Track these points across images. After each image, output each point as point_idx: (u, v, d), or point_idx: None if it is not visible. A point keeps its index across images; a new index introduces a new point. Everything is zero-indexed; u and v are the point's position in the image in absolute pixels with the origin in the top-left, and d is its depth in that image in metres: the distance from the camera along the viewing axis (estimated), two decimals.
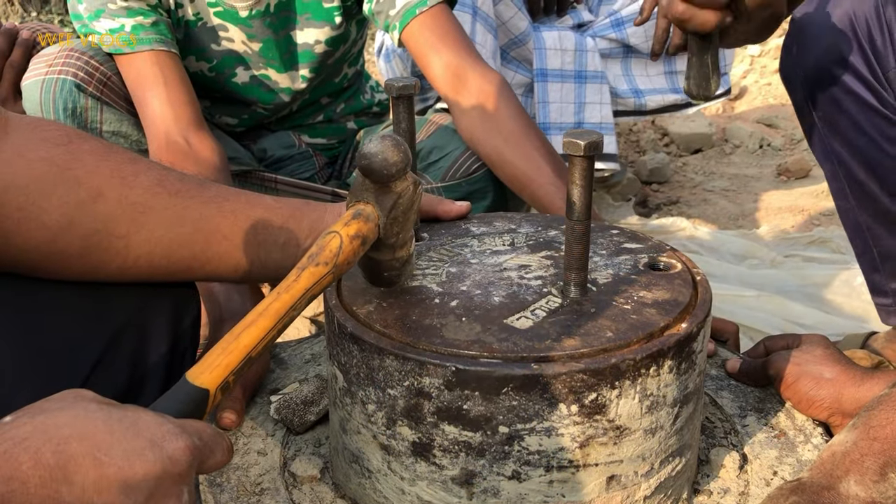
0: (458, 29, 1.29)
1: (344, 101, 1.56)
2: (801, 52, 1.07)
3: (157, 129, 1.18)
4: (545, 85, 1.77)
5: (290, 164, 1.53)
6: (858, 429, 0.68)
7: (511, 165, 1.19)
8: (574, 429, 0.64)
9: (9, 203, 0.66)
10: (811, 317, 1.50)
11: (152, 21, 1.22)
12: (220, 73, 1.38)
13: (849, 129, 1.05)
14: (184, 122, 1.18)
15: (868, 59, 1.01)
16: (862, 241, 1.14)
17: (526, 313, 0.69)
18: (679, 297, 0.72)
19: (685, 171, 2.43)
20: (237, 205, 0.78)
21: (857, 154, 1.06)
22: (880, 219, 1.10)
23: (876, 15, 1.01)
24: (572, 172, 0.67)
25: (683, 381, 0.68)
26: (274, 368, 0.96)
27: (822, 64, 1.03)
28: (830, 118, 1.07)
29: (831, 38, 1.03)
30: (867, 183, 1.08)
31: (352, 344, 0.68)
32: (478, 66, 1.25)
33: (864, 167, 1.07)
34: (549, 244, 0.82)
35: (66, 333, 0.70)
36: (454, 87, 1.24)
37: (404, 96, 0.79)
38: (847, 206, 1.13)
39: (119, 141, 1.32)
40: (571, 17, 1.87)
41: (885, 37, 1.00)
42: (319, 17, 1.36)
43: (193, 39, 1.33)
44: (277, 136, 1.51)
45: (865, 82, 1.02)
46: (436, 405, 0.64)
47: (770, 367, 0.88)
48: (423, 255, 0.80)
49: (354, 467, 0.72)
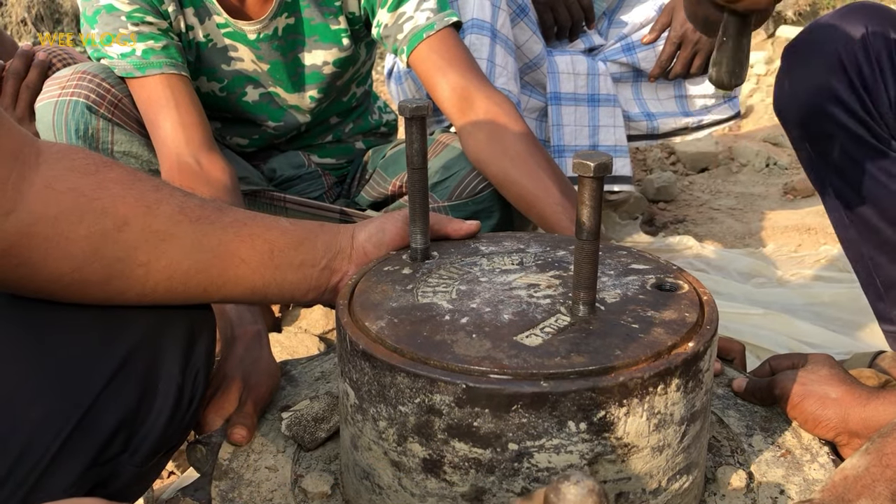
0: (464, 52, 1.31)
1: (352, 121, 1.58)
2: (793, 88, 1.09)
3: (169, 150, 1.20)
4: (559, 108, 1.79)
5: (299, 183, 1.54)
6: (871, 454, 0.69)
7: (518, 185, 1.20)
8: (583, 446, 0.65)
9: (37, 234, 0.68)
10: (818, 335, 1.50)
11: (163, 45, 1.24)
12: (231, 93, 1.40)
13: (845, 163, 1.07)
14: (195, 143, 1.20)
15: (859, 94, 1.03)
16: (865, 271, 1.15)
17: (535, 331, 0.70)
18: (686, 316, 0.72)
19: (692, 190, 2.44)
20: (255, 229, 0.80)
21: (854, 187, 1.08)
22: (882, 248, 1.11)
23: (864, 49, 1.02)
24: (582, 193, 0.68)
25: (690, 400, 0.69)
26: (285, 385, 0.97)
27: (815, 101, 1.05)
28: (826, 152, 1.08)
29: (823, 75, 1.05)
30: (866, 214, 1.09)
31: (363, 361, 0.69)
32: (484, 88, 1.26)
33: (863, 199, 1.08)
34: (557, 263, 0.83)
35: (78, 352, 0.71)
36: (461, 108, 1.26)
37: (417, 117, 0.80)
38: (849, 237, 1.14)
39: (130, 161, 1.34)
40: (582, 41, 1.89)
41: (874, 71, 1.02)
42: (327, 39, 1.38)
43: (205, 60, 1.35)
44: (287, 157, 1.53)
45: (858, 117, 1.04)
46: (446, 422, 0.65)
47: (776, 387, 0.88)
48: (434, 273, 0.81)
49: (365, 484, 0.73)
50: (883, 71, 1.03)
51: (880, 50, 1.02)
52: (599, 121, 1.83)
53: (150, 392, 0.74)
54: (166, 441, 0.77)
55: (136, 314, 0.75)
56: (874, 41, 1.03)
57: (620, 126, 1.85)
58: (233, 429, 0.85)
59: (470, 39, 1.58)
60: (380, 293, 0.77)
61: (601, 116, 1.83)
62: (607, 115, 1.83)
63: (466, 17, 1.60)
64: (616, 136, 1.84)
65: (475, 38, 1.58)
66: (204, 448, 0.85)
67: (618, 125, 1.84)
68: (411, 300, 0.75)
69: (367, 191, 1.56)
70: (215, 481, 0.81)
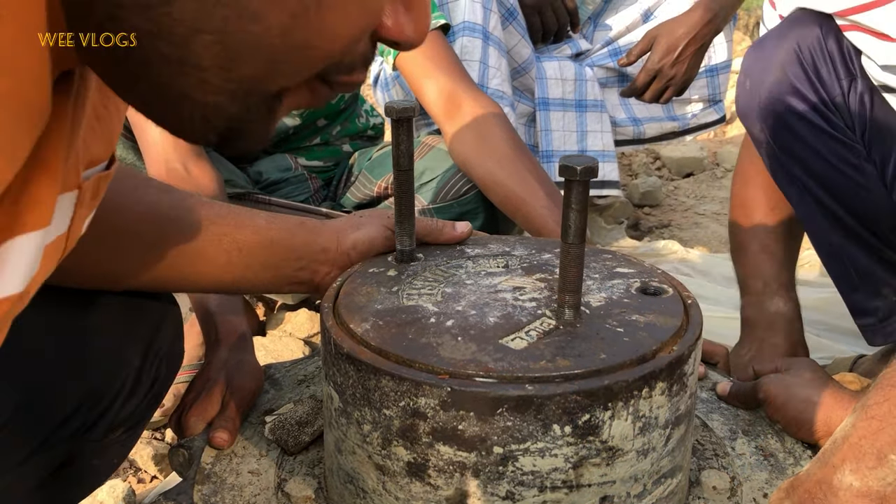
0: (451, 55, 1.31)
1: (340, 124, 1.58)
2: (753, 86, 1.12)
3: (157, 156, 1.20)
4: (547, 114, 1.80)
5: (286, 186, 1.54)
6: (857, 412, 0.68)
7: (504, 188, 1.20)
8: (567, 449, 0.64)
9: None
10: None
11: None
12: None
13: (806, 155, 1.10)
14: (183, 149, 1.20)
15: (815, 87, 1.07)
16: (838, 263, 1.17)
17: (521, 334, 0.70)
18: (670, 320, 0.73)
19: (677, 195, 2.45)
20: (224, 228, 0.80)
21: (817, 178, 1.10)
22: (852, 238, 1.13)
23: (819, 46, 1.07)
24: (568, 196, 0.68)
25: (675, 403, 0.69)
26: (268, 389, 0.96)
27: (775, 94, 1.07)
28: (788, 145, 1.11)
29: (781, 70, 1.09)
30: (831, 205, 1.11)
31: (348, 364, 0.69)
32: (471, 91, 1.27)
33: (826, 190, 1.10)
34: (542, 267, 0.83)
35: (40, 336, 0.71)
36: (448, 111, 1.26)
37: (404, 119, 0.80)
38: (818, 229, 1.16)
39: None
40: (569, 46, 1.90)
41: (828, 66, 1.05)
42: None
43: None
44: (274, 159, 1.53)
45: (816, 108, 1.07)
46: (431, 425, 0.65)
47: (759, 390, 0.89)
48: (419, 276, 0.81)
49: (349, 488, 0.73)
50: (835, 64, 1.07)
51: (832, 45, 1.06)
52: (587, 126, 1.84)
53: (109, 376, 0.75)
54: (124, 419, 0.78)
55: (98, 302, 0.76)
56: (827, 37, 1.07)
57: (608, 131, 1.86)
58: (215, 433, 0.84)
59: (462, 42, 1.58)
60: (365, 295, 0.76)
61: (589, 122, 1.84)
62: (595, 120, 1.84)
63: (458, 19, 1.60)
64: (604, 141, 1.85)
65: (467, 41, 1.58)
66: (186, 452, 0.85)
67: (605, 130, 1.85)
68: (396, 302, 0.75)
69: (353, 192, 1.56)
70: (198, 485, 0.80)
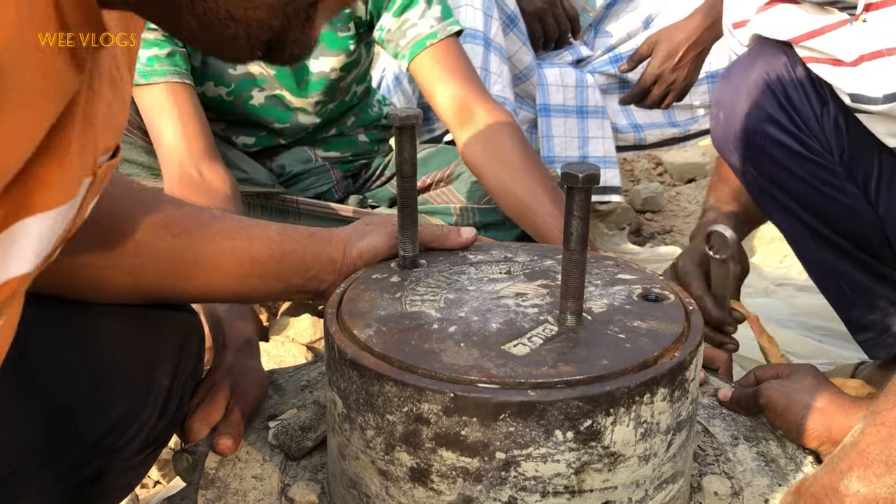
0: (466, 62, 1.34)
1: (354, 115, 1.61)
2: (727, 117, 1.13)
3: (172, 160, 1.22)
4: (548, 120, 1.81)
5: (308, 178, 1.56)
6: (866, 419, 0.69)
7: (513, 196, 1.23)
8: (569, 455, 0.65)
9: None
10: (804, 346, 1.51)
11: (167, 52, 1.25)
12: (238, 97, 1.42)
13: (788, 180, 1.11)
14: (197, 154, 1.22)
15: (789, 112, 1.09)
16: (831, 281, 1.17)
17: (523, 340, 0.70)
18: (672, 326, 0.73)
19: (679, 201, 2.46)
20: (238, 241, 0.82)
21: (801, 201, 1.12)
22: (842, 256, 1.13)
23: (787, 73, 1.09)
24: (570, 203, 0.68)
25: (676, 409, 0.69)
26: (272, 394, 0.97)
27: (750, 123, 1.09)
28: (769, 172, 1.12)
29: (753, 98, 1.10)
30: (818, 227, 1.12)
31: (351, 370, 0.69)
32: (484, 100, 1.30)
33: (811, 213, 1.12)
34: (545, 273, 0.84)
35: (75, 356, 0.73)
36: (461, 118, 1.29)
37: (407, 126, 0.81)
38: (808, 249, 1.17)
39: (130, 167, 1.35)
40: (570, 53, 1.91)
41: (799, 93, 1.08)
42: (334, 46, 1.41)
43: (211, 65, 1.37)
44: (294, 153, 1.56)
45: (790, 133, 1.09)
46: (434, 431, 0.65)
47: (761, 396, 0.89)
48: (422, 282, 0.81)
49: (352, 493, 0.73)
50: (805, 89, 1.08)
51: (801, 71, 1.08)
52: (588, 132, 1.85)
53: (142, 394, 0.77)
54: (154, 439, 0.80)
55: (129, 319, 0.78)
56: (794, 64, 1.08)
57: (609, 137, 1.87)
58: (219, 439, 0.85)
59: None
60: (368, 301, 0.77)
61: (590, 128, 1.85)
62: (596, 126, 1.85)
63: None
64: (605, 147, 1.86)
65: (469, 48, 1.60)
66: (190, 457, 0.85)
67: (606, 136, 1.86)
68: (399, 308, 0.76)
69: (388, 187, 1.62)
70: (202, 490, 0.80)
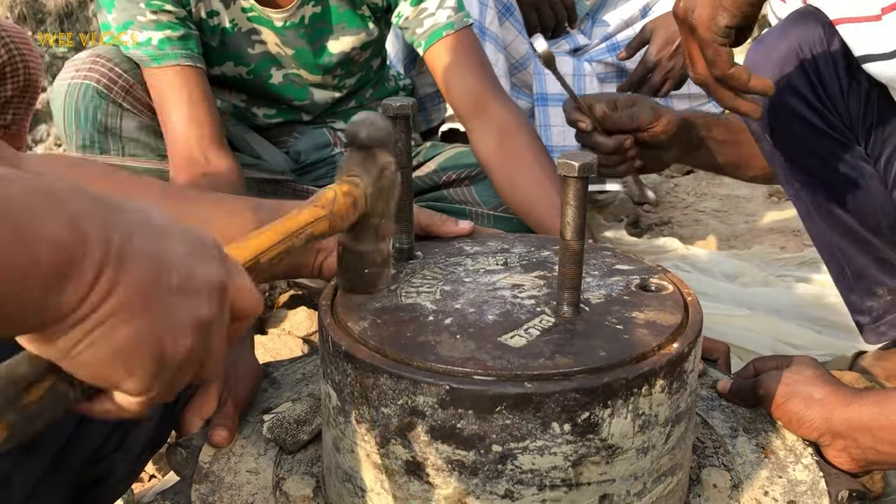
0: (481, 54, 1.35)
1: (371, 87, 1.60)
2: None
3: (179, 145, 1.22)
4: (546, 109, 1.80)
5: (323, 167, 1.56)
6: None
7: (520, 190, 1.23)
8: (567, 448, 0.64)
9: None
10: (802, 337, 1.51)
11: (180, 35, 1.24)
12: (258, 76, 1.42)
13: (803, 153, 1.10)
14: (205, 140, 1.21)
15: (814, 86, 1.07)
16: (835, 263, 1.17)
17: (520, 332, 0.69)
18: (670, 317, 0.72)
19: (677, 192, 2.45)
20: (237, 205, 0.82)
21: (815, 176, 1.11)
22: (849, 238, 1.13)
23: (820, 46, 1.07)
24: (566, 193, 0.68)
25: (675, 401, 0.69)
26: (266, 388, 0.96)
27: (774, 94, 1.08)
28: (786, 143, 1.12)
29: (781, 68, 1.09)
30: (829, 204, 1.11)
31: (346, 362, 0.68)
32: (498, 95, 1.30)
33: (824, 188, 1.11)
34: (541, 264, 0.83)
35: None
36: (474, 112, 1.29)
37: (401, 116, 0.80)
38: (816, 229, 1.16)
39: (137, 147, 1.36)
40: (567, 42, 1.89)
41: (829, 66, 1.06)
42: (354, 24, 1.41)
43: (231, 45, 1.37)
44: (313, 136, 1.55)
45: (813, 108, 1.07)
46: (429, 424, 0.64)
47: (760, 388, 0.88)
48: (417, 273, 0.80)
49: (347, 486, 0.73)
50: (838, 66, 1.06)
51: (836, 44, 1.06)
52: None
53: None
54: (154, 439, 0.81)
55: None
56: (831, 36, 1.06)
57: None
58: (214, 431, 0.84)
59: None
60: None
61: None
62: None
63: None
64: None
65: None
66: (184, 451, 0.84)
67: None
68: (395, 300, 0.75)
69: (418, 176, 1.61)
70: (195, 485, 0.80)
